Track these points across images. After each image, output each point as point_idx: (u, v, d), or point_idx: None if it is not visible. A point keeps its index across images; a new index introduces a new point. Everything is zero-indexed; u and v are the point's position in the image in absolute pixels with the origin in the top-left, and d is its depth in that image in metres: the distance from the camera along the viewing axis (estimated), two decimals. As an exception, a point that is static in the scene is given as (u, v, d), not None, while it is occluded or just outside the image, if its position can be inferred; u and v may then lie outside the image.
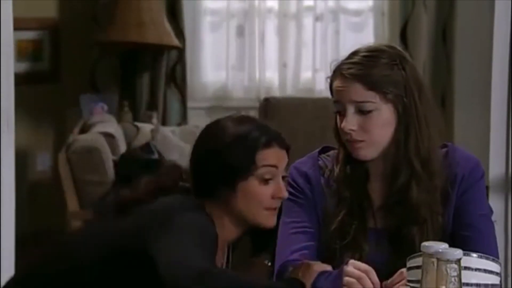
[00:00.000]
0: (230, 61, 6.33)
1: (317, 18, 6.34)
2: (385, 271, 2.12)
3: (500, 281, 2.01)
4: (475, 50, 4.19)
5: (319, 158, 2.32)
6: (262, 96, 6.33)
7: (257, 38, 6.31)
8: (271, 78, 6.40)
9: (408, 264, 2.00)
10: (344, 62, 2.19)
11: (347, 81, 2.17)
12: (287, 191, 2.28)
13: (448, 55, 5.89)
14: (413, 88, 2.18)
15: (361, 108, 2.17)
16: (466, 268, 1.87)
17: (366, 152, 2.19)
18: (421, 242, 2.11)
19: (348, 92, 2.17)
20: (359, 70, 2.16)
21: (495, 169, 3.64)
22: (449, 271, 1.67)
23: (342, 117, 2.19)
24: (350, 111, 2.17)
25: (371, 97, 2.16)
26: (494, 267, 1.98)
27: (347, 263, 2.07)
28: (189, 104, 6.20)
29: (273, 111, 6.27)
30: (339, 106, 2.19)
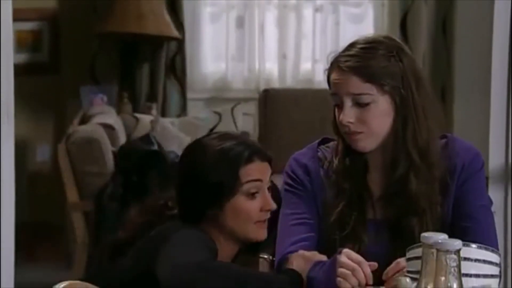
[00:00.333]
0: (229, 52, 6.33)
1: (317, 9, 6.34)
2: (385, 262, 2.12)
3: (500, 272, 2.02)
4: (475, 42, 4.18)
5: (319, 150, 2.32)
6: (262, 87, 6.33)
7: (256, 29, 6.31)
8: (270, 69, 6.40)
9: (408, 255, 2.00)
10: (341, 55, 2.19)
11: (344, 73, 2.17)
12: (286, 182, 2.29)
13: (448, 47, 5.89)
14: (411, 80, 2.18)
15: (358, 100, 2.16)
16: (465, 258, 1.87)
17: (364, 144, 2.19)
18: (420, 233, 2.11)
19: (345, 85, 2.17)
20: (356, 62, 2.15)
21: (495, 160, 3.64)
22: (448, 261, 1.67)
23: (340, 110, 2.19)
24: (348, 103, 2.17)
25: (368, 89, 2.16)
26: (494, 257, 1.98)
27: (340, 253, 2.07)
28: (189, 95, 6.20)
29: (272, 102, 6.27)
30: (336, 98, 2.19)
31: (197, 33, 6.29)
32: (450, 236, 1.77)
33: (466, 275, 1.83)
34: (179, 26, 6.05)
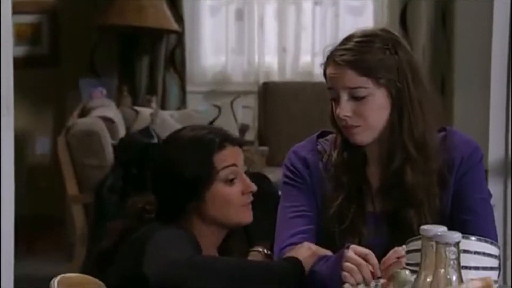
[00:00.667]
0: (229, 45, 6.33)
1: (317, 2, 6.33)
2: (384, 254, 2.12)
3: (499, 264, 2.02)
4: (475, 34, 4.18)
5: (318, 143, 2.32)
6: (261, 80, 6.33)
7: (256, 22, 6.30)
8: (270, 62, 6.39)
9: (407, 248, 2.00)
10: (337, 49, 2.19)
11: (340, 67, 2.17)
12: (285, 175, 2.29)
13: (448, 39, 5.88)
14: (407, 72, 2.18)
15: (354, 94, 2.16)
16: (465, 251, 1.87)
17: (362, 137, 2.20)
18: (419, 225, 2.12)
19: (341, 79, 2.17)
20: (352, 56, 2.15)
21: (495, 153, 3.64)
22: (448, 254, 1.67)
23: (337, 103, 2.19)
24: (344, 97, 2.17)
25: (364, 82, 2.16)
26: (493, 250, 1.98)
27: (348, 248, 2.07)
28: (188, 88, 6.20)
29: (272, 95, 6.27)
30: (333, 92, 2.20)
31: (196, 26, 6.28)
32: (450, 229, 1.77)
33: (466, 267, 1.83)
34: (179, 19, 6.04)
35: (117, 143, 4.78)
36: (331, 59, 2.18)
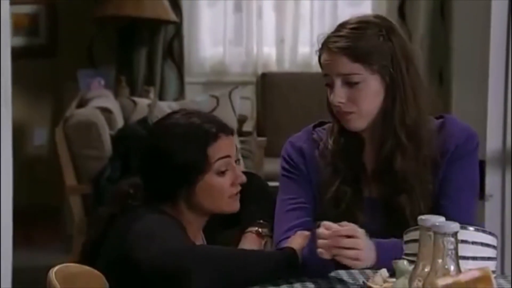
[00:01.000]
0: (227, 36, 6.32)
1: (315, -7, 6.32)
2: (380, 238, 2.14)
3: (497, 254, 2.02)
4: (473, 25, 4.17)
5: (314, 132, 2.33)
6: (260, 71, 6.33)
7: (254, 12, 6.29)
8: (268, 53, 6.38)
9: (405, 238, 2.01)
10: (331, 35, 2.20)
11: (333, 54, 2.18)
12: (282, 167, 2.31)
13: (446, 30, 5.87)
14: (400, 59, 2.19)
15: (348, 80, 2.17)
16: (463, 241, 1.88)
17: (356, 123, 2.21)
18: (411, 210, 2.15)
19: (334, 65, 2.18)
20: (345, 43, 2.16)
21: (492, 144, 3.65)
22: (445, 244, 1.67)
23: (331, 90, 2.20)
24: (338, 83, 2.18)
25: (357, 69, 2.17)
26: (491, 240, 1.99)
27: (318, 226, 2.06)
28: (187, 79, 6.19)
29: (270, 86, 6.27)
30: (327, 79, 2.21)
31: (195, 17, 6.27)
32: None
33: (463, 257, 1.84)
34: (177, 9, 6.03)
35: (115, 134, 4.77)
36: (326, 45, 2.19)
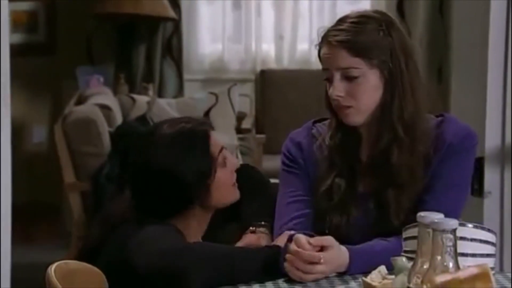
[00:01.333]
0: (226, 33, 6.32)
1: (314, -10, 6.32)
2: (372, 233, 2.17)
3: (496, 251, 2.02)
4: (472, 23, 4.16)
5: (314, 127, 2.34)
6: (259, 68, 6.33)
7: (253, 9, 6.29)
8: (267, 50, 6.39)
9: (404, 235, 2.01)
10: (331, 29, 2.21)
11: (333, 48, 2.18)
12: (282, 161, 2.33)
13: (445, 27, 5.87)
14: (399, 54, 2.19)
15: (347, 74, 2.18)
16: (461, 238, 1.88)
17: (354, 118, 2.21)
18: (395, 208, 2.15)
19: (334, 59, 2.18)
20: (345, 36, 2.17)
21: (491, 141, 3.64)
22: (444, 241, 1.67)
23: (330, 84, 2.21)
24: (337, 77, 2.18)
25: (356, 63, 2.17)
26: (490, 237, 1.99)
27: (290, 241, 2.08)
28: (185, 76, 6.20)
29: (269, 83, 6.27)
30: (327, 73, 2.21)
31: (193, 14, 6.27)
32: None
33: (462, 254, 1.84)
34: (176, 7, 6.03)
35: (114, 131, 4.77)
36: (325, 39, 2.20)
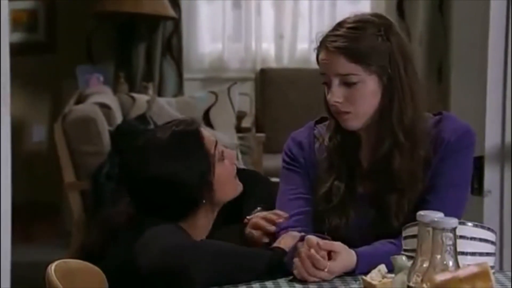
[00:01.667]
0: (226, 32, 6.32)
1: (314, -11, 6.32)
2: (371, 234, 2.18)
3: (496, 250, 2.03)
4: (472, 22, 4.16)
5: (315, 128, 2.35)
6: (259, 67, 6.33)
7: (253, 8, 6.29)
8: (267, 49, 6.38)
9: (404, 234, 2.01)
10: (329, 34, 2.20)
11: (331, 54, 2.18)
12: (283, 160, 2.34)
13: (445, 27, 5.87)
14: (398, 59, 2.19)
15: (345, 80, 2.18)
16: (461, 237, 1.88)
17: (353, 123, 2.22)
18: (396, 211, 2.16)
19: (332, 65, 2.18)
20: (343, 43, 2.16)
21: (491, 140, 3.64)
22: (444, 240, 1.67)
23: (329, 88, 2.20)
24: (335, 83, 2.18)
25: (355, 69, 2.17)
26: (489, 236, 1.99)
27: (302, 240, 2.10)
28: (185, 75, 6.19)
29: (269, 82, 6.27)
30: (325, 77, 2.21)
31: (193, 13, 6.27)
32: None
33: (462, 253, 1.84)
34: (176, 6, 6.03)
35: (114, 130, 4.78)
36: (324, 44, 2.20)
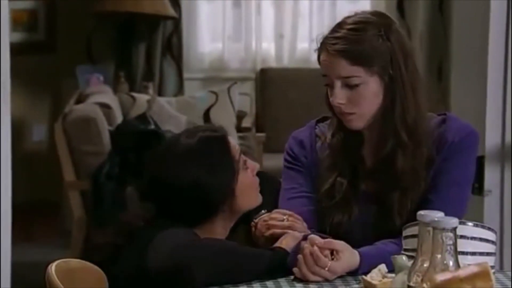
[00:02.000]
0: (226, 31, 6.31)
1: (314, -12, 6.31)
2: (373, 231, 2.19)
3: (496, 250, 2.03)
4: (472, 21, 4.16)
5: (317, 127, 2.35)
6: (259, 67, 6.33)
7: (253, 8, 6.29)
8: (267, 48, 6.38)
9: (404, 233, 2.01)
10: (329, 36, 2.19)
11: (332, 56, 2.18)
12: (285, 159, 2.34)
13: (445, 26, 5.87)
14: (399, 58, 2.19)
15: (347, 82, 2.18)
16: (461, 236, 1.88)
17: (357, 123, 2.22)
18: (399, 208, 2.16)
19: (334, 68, 2.18)
20: (343, 45, 2.16)
21: (491, 139, 3.65)
22: (444, 239, 1.68)
23: (331, 90, 2.21)
24: (337, 85, 2.18)
25: (356, 71, 2.17)
26: (490, 235, 1.99)
27: (305, 239, 2.10)
28: (185, 75, 6.19)
29: (269, 81, 6.27)
30: (327, 79, 2.21)
31: (193, 12, 6.27)
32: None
33: (462, 253, 1.84)
34: (176, 5, 6.03)
35: (114, 130, 4.78)
36: (324, 46, 2.19)
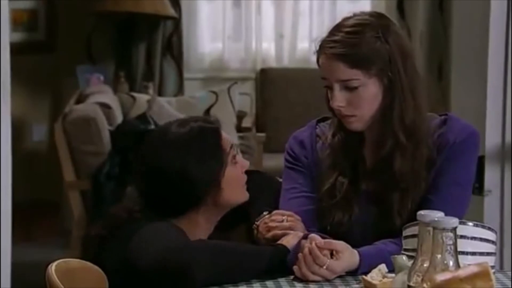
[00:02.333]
0: (226, 31, 6.31)
1: (314, -12, 6.31)
2: (373, 230, 2.20)
3: (496, 250, 2.03)
4: (472, 20, 4.17)
5: (318, 126, 2.36)
6: (259, 66, 6.33)
7: (253, 8, 6.29)
8: (267, 48, 6.38)
9: (404, 233, 2.01)
10: (327, 40, 2.20)
11: (330, 60, 2.18)
12: (285, 159, 2.35)
13: (445, 26, 5.87)
14: (398, 60, 2.19)
15: (347, 85, 2.18)
16: (462, 236, 1.89)
17: (357, 125, 2.23)
18: (399, 209, 2.16)
19: (332, 71, 2.18)
20: (341, 49, 2.16)
21: (491, 139, 3.65)
22: (444, 239, 1.68)
23: (331, 92, 2.21)
24: (337, 88, 2.19)
25: (355, 74, 2.17)
26: (490, 235, 1.99)
27: (306, 237, 2.11)
28: (186, 75, 6.19)
29: (269, 81, 6.27)
30: (326, 81, 2.22)
31: (194, 12, 6.27)
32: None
33: (462, 252, 1.84)
34: (176, 5, 6.03)
35: (114, 130, 4.78)
36: (322, 50, 2.19)
